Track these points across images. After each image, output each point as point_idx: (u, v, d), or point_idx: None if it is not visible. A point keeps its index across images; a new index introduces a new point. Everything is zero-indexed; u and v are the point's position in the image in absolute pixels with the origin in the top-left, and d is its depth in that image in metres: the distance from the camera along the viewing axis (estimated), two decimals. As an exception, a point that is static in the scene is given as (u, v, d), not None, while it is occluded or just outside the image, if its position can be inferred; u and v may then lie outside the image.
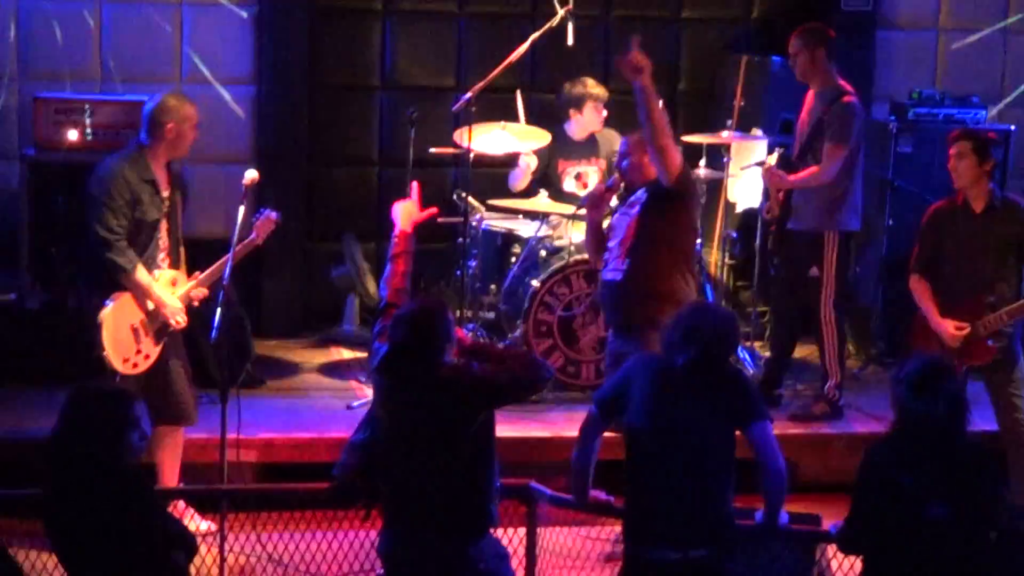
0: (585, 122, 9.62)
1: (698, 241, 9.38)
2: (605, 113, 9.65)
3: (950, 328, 7.86)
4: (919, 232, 8.16)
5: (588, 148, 9.70)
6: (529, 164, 9.56)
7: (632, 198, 7.66)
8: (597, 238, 7.84)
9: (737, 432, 5.99)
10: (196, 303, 7.69)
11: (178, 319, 7.55)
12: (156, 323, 7.54)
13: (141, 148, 7.59)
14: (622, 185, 7.77)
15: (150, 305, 7.50)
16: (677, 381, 6.00)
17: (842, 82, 8.86)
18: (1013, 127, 10.29)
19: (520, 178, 9.68)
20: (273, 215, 7.70)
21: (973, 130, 8.34)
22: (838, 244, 8.82)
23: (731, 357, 6.16)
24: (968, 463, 5.74)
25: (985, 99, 10.48)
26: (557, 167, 9.67)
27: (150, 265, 7.53)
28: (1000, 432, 8.02)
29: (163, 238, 7.64)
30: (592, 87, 9.60)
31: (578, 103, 9.54)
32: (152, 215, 7.53)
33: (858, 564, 6.05)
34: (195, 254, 7.92)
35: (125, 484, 5.39)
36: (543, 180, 9.65)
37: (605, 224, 7.90)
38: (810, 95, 8.95)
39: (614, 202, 8.05)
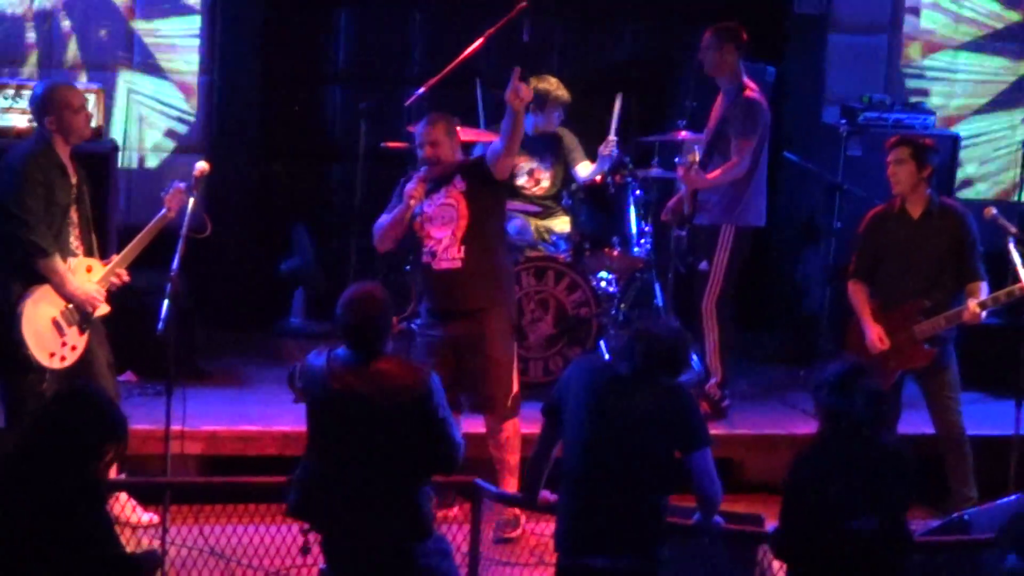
0: (542, 121, 9.60)
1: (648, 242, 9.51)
2: (559, 116, 9.60)
3: (875, 333, 7.93)
4: (857, 237, 8.24)
5: (544, 146, 9.68)
6: None
7: (438, 186, 7.74)
8: (401, 228, 7.83)
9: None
10: (117, 285, 7.57)
11: (98, 306, 7.48)
12: (77, 313, 7.44)
13: (43, 135, 7.49)
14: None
15: (68, 293, 7.39)
16: (619, 390, 6.00)
17: (747, 81, 8.92)
18: (959, 134, 10.34)
19: None
20: (182, 185, 7.58)
21: (911, 136, 8.39)
22: (733, 239, 8.85)
23: (680, 369, 6.14)
24: (891, 470, 5.81)
25: (935, 106, 10.55)
26: None
27: (64, 252, 7.40)
28: (937, 435, 8.08)
29: (74, 225, 7.56)
30: (556, 88, 9.54)
31: (540, 101, 9.50)
32: (64, 200, 7.44)
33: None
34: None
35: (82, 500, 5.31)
36: None
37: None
38: (719, 99, 9.01)
39: None
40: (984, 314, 7.78)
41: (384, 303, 6.01)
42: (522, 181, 9.68)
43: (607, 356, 6.20)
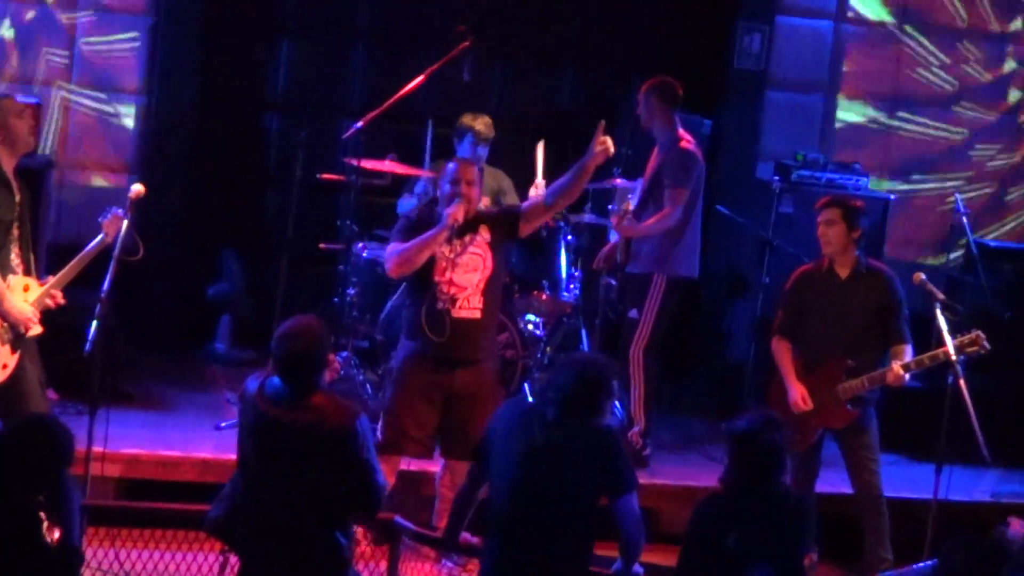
0: (463, 155, 9.59)
1: (577, 287, 9.54)
2: (483, 151, 9.58)
3: (798, 394, 7.96)
4: (784, 295, 8.26)
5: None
6: (428, 192, 9.52)
7: (463, 233, 7.59)
8: (428, 254, 7.61)
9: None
10: (53, 306, 7.50)
11: (32, 327, 7.40)
12: (10, 331, 7.36)
13: None
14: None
15: (3, 311, 7.30)
16: (546, 433, 6.01)
17: (682, 132, 8.99)
18: (892, 196, 10.46)
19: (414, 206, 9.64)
20: (119, 212, 7.53)
21: (843, 198, 8.43)
22: (664, 289, 8.89)
23: (605, 410, 6.16)
24: (789, 520, 5.89)
25: (868, 166, 10.65)
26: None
27: (4, 270, 7.31)
28: (854, 494, 8.10)
29: (16, 242, 7.47)
30: (475, 122, 9.52)
31: (461, 134, 9.52)
32: (7, 216, 7.36)
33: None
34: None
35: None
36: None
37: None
38: (655, 149, 9.09)
39: None
40: (907, 377, 7.83)
41: (321, 337, 5.97)
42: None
43: (531, 399, 6.20)
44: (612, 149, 7.47)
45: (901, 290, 8.08)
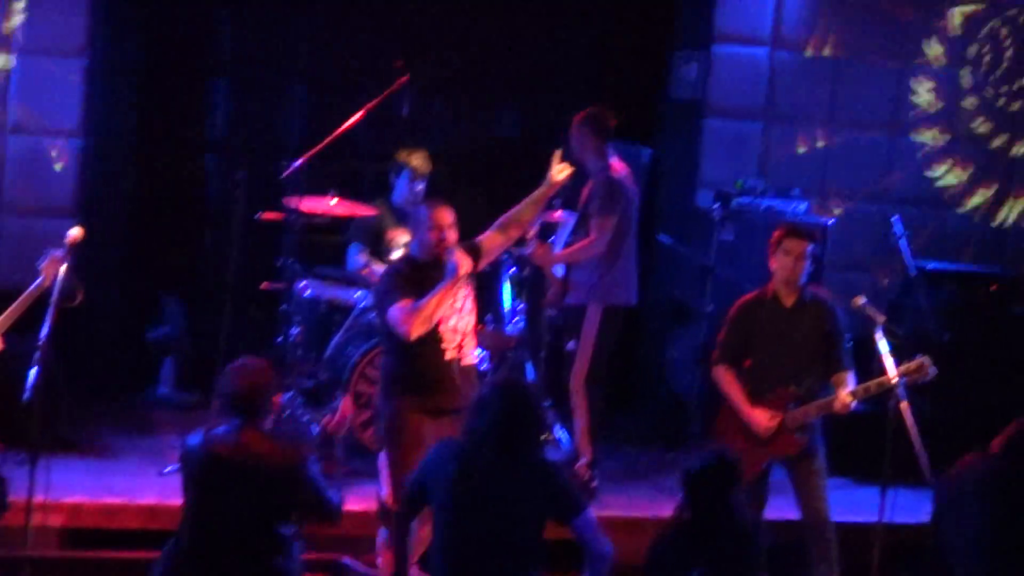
0: (403, 191, 9.62)
1: (521, 320, 9.55)
2: (421, 187, 9.60)
3: (763, 419, 7.95)
4: (726, 323, 8.24)
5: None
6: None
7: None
8: (444, 304, 7.40)
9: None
10: None
11: None
12: None
13: None
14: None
15: None
16: (482, 468, 6.03)
17: (613, 162, 9.02)
18: (831, 220, 10.51)
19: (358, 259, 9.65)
20: (58, 253, 7.48)
21: (811, 229, 8.27)
22: (600, 318, 8.92)
23: (539, 439, 6.19)
24: (749, 551, 5.93)
25: (807, 191, 10.71)
26: (386, 235, 9.66)
27: None
28: (802, 521, 8.09)
29: None
30: (411, 158, 9.55)
31: (398, 170, 9.55)
32: None
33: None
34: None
35: None
36: (375, 248, 9.64)
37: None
38: (590, 180, 9.13)
39: None
40: (854, 404, 7.86)
41: (271, 377, 6.17)
42: (397, 254, 9.67)
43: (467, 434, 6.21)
44: (568, 175, 7.51)
45: (843, 319, 8.10)
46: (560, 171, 7.52)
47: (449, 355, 7.39)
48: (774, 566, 7.52)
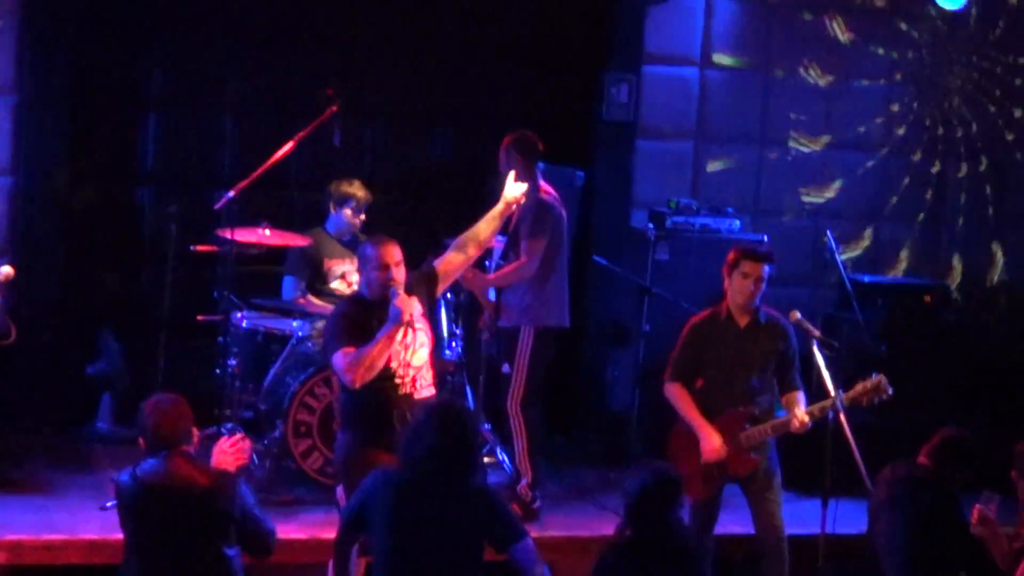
0: (342, 221, 9.64)
1: (459, 344, 9.56)
2: (363, 217, 9.66)
3: (715, 443, 7.90)
4: (679, 341, 8.22)
5: (352, 248, 9.70)
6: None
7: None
8: (388, 351, 7.27)
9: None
10: None
11: None
12: None
13: None
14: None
15: None
16: (418, 492, 6.05)
17: (543, 184, 9.06)
18: (766, 237, 10.57)
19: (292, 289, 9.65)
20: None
21: (768, 253, 8.19)
22: (532, 340, 8.92)
23: (474, 462, 6.21)
24: (692, 568, 5.95)
25: (740, 208, 10.76)
26: (323, 265, 9.65)
27: None
28: (757, 536, 8.11)
29: None
30: (356, 188, 9.63)
31: (340, 201, 9.58)
32: None
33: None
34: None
35: None
36: (312, 278, 9.63)
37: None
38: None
39: None
40: (810, 424, 7.80)
41: (184, 409, 6.30)
42: (335, 284, 9.67)
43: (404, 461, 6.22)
44: (523, 193, 7.61)
45: (795, 339, 8.12)
46: (514, 188, 7.51)
47: (403, 391, 7.32)
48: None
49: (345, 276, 9.67)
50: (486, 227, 7.70)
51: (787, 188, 11.28)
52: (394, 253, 7.32)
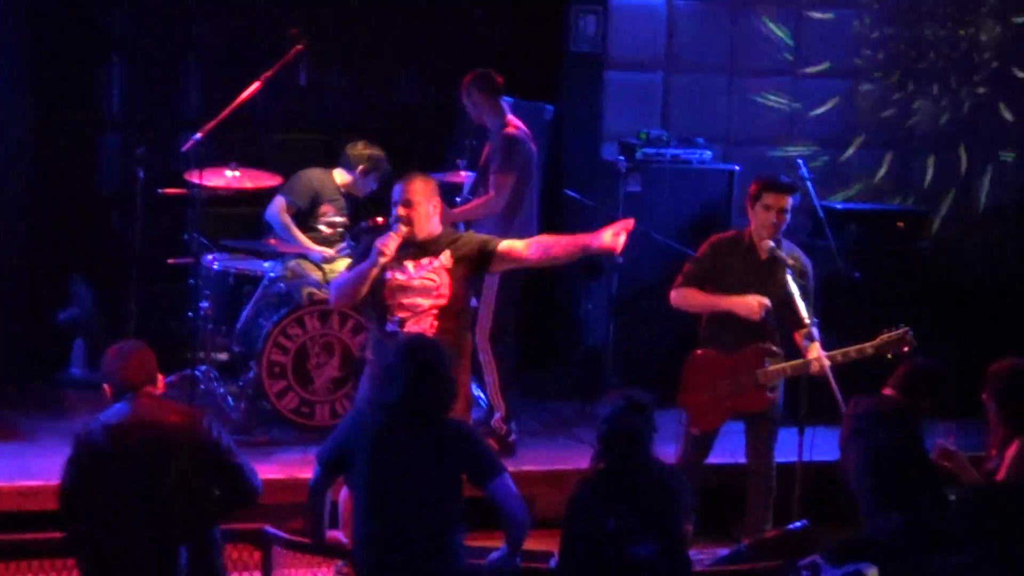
0: (367, 185, 9.71)
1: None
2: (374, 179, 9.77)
3: (755, 299, 7.74)
4: (696, 255, 8.06)
5: (346, 201, 9.72)
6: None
7: (420, 255, 7.29)
8: (366, 285, 7.28)
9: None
10: None
11: None
12: None
13: None
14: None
15: None
16: (395, 431, 6.04)
17: (510, 118, 9.03)
18: (737, 167, 10.55)
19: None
20: None
21: (792, 184, 8.03)
22: (500, 275, 8.85)
23: (448, 397, 6.20)
24: (666, 496, 5.97)
25: (710, 139, 10.73)
26: (319, 206, 9.63)
27: None
28: (748, 465, 8.08)
29: None
30: (386, 162, 9.72)
31: (372, 168, 9.63)
32: None
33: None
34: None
35: None
36: (305, 210, 9.61)
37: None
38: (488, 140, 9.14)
39: None
40: (830, 368, 7.67)
41: (146, 354, 6.24)
42: (322, 226, 9.66)
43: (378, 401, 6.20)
44: (621, 245, 7.29)
45: (813, 276, 8.05)
46: (615, 236, 7.25)
47: (390, 328, 7.25)
48: (708, 507, 7.64)
49: (334, 225, 9.64)
50: (560, 247, 7.40)
51: (757, 118, 11.23)
52: (411, 190, 7.28)
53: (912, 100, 11.50)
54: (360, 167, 9.65)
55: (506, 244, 7.37)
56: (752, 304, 7.77)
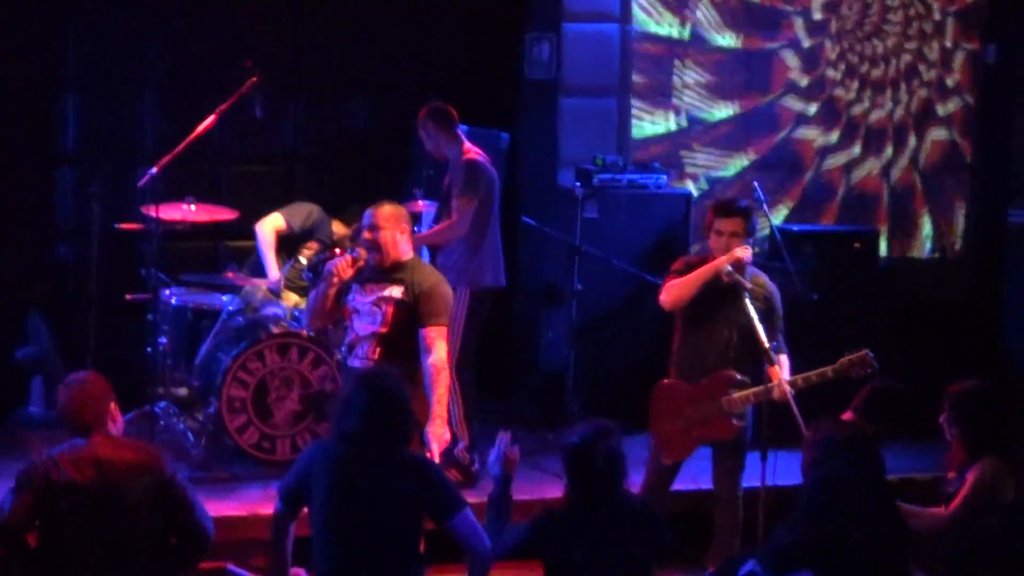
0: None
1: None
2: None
3: (736, 252, 7.75)
4: (675, 267, 8.00)
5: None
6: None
7: (377, 280, 7.46)
8: (325, 306, 7.54)
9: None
10: None
11: None
12: None
13: None
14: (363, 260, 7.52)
15: None
16: (353, 462, 6.02)
17: (467, 146, 9.05)
18: (693, 191, 10.56)
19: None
20: None
21: (743, 207, 8.01)
22: (469, 301, 8.87)
23: (406, 428, 6.18)
24: (637, 530, 5.93)
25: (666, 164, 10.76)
26: (306, 242, 9.73)
27: None
28: (715, 492, 8.07)
29: None
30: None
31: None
32: None
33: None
34: None
35: None
36: (295, 237, 9.70)
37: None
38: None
39: None
40: (791, 393, 7.67)
41: (102, 387, 6.19)
42: (301, 256, 9.68)
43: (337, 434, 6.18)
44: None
45: (780, 302, 8.07)
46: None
47: (343, 349, 7.52)
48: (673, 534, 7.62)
49: (309, 261, 9.67)
50: (433, 397, 7.31)
51: (713, 142, 11.27)
52: (378, 215, 7.48)
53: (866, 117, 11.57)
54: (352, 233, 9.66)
55: (432, 334, 7.34)
56: (733, 253, 7.78)
